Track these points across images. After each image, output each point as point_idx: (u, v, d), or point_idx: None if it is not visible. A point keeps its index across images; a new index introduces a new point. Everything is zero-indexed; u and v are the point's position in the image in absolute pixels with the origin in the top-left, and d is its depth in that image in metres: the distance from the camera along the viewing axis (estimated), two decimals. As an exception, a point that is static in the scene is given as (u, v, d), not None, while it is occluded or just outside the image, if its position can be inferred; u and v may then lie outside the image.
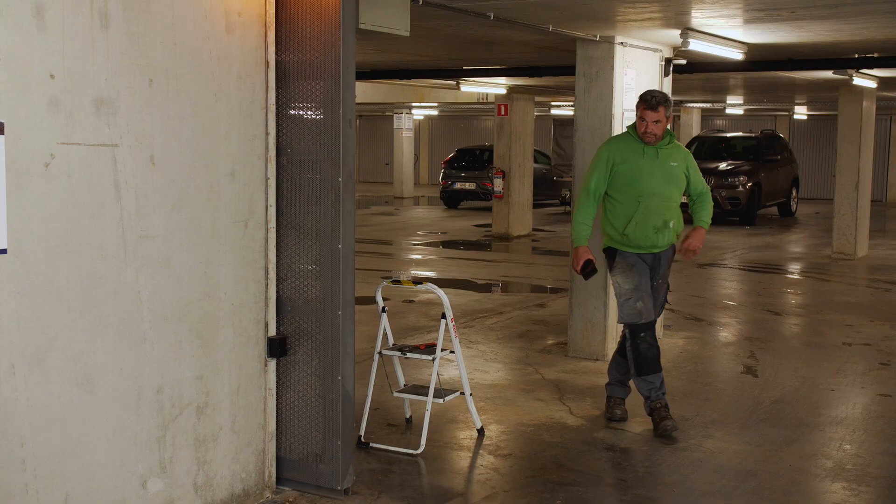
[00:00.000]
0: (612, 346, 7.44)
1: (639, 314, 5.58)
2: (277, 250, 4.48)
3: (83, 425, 3.61)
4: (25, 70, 3.31)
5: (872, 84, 12.33)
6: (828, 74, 10.89)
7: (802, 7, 6.26)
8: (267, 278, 4.41)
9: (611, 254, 5.73)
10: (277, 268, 4.50)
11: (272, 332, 4.47)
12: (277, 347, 4.49)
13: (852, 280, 11.69)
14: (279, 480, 4.59)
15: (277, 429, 4.57)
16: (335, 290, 4.42)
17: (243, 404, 4.33)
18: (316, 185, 4.39)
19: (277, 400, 4.57)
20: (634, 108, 7.43)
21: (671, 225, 5.62)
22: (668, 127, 5.66)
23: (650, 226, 5.57)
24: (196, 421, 4.08)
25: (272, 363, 4.49)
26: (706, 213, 5.80)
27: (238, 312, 4.26)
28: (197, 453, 4.10)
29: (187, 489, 4.06)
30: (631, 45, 7.43)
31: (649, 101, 5.56)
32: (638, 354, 5.60)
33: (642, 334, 5.59)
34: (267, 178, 4.38)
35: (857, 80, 11.39)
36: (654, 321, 5.68)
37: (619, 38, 7.26)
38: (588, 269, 5.73)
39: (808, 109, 24.16)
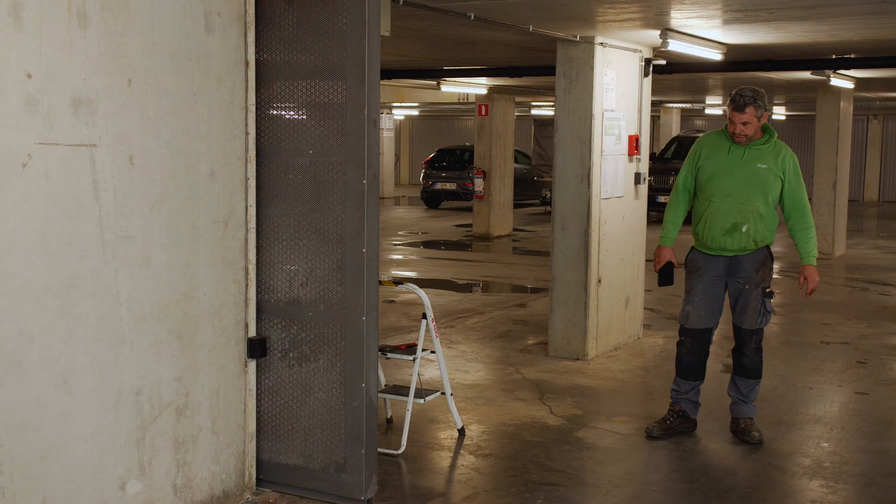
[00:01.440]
0: (592, 346, 7.47)
1: (685, 317, 5.51)
2: (289, 252, 4.40)
3: (61, 427, 3.59)
4: (2, 69, 3.28)
5: (849, 85, 12.43)
6: (806, 75, 10.97)
7: (781, 8, 6.31)
8: (247, 279, 4.40)
9: (690, 251, 5.56)
10: (294, 271, 4.41)
11: (252, 332, 4.45)
12: (257, 348, 4.46)
13: (830, 279, 11.78)
14: (298, 490, 4.51)
15: (296, 437, 4.48)
16: (359, 295, 4.29)
17: (223, 405, 4.32)
18: (315, 185, 4.31)
19: (297, 407, 4.47)
20: (614, 108, 7.54)
21: (744, 229, 5.27)
22: (764, 124, 5.28)
23: (718, 227, 5.31)
24: (175, 422, 4.06)
25: (252, 364, 4.48)
26: (810, 244, 5.35)
27: (218, 313, 4.25)
28: (176, 455, 4.08)
29: (166, 491, 4.05)
30: (611, 46, 7.46)
31: (737, 101, 5.20)
32: (677, 356, 5.59)
33: (683, 338, 5.54)
34: (247, 179, 4.36)
35: (835, 81, 11.47)
36: (706, 330, 5.48)
37: (599, 39, 7.28)
38: (665, 272, 5.55)
39: (787, 110, 24.32)
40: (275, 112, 4.43)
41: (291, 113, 4.40)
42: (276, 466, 4.57)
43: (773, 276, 5.54)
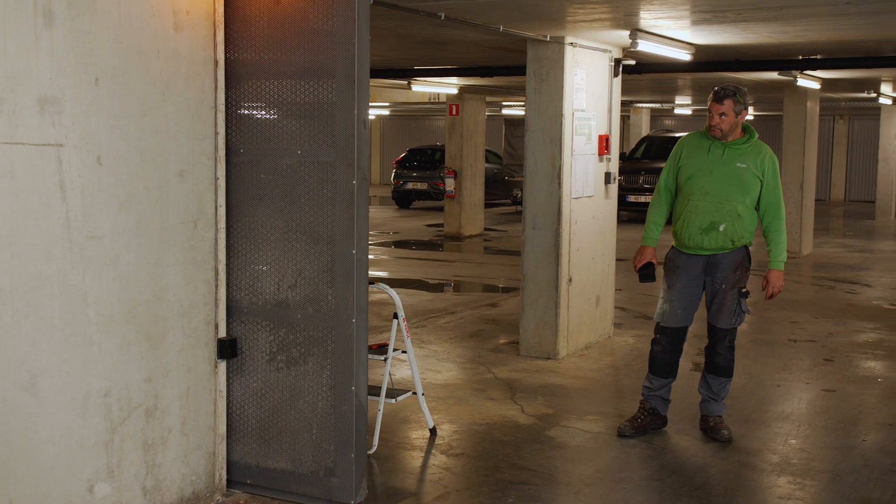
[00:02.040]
0: (563, 345, 7.50)
1: (662, 315, 5.52)
2: (278, 253, 4.36)
3: (28, 429, 3.55)
4: (-33, 68, 3.24)
5: (816, 85, 12.57)
6: (773, 75, 11.08)
7: (748, 9, 6.36)
8: (217, 279, 4.37)
9: (669, 251, 5.58)
10: (282, 273, 4.37)
11: (222, 333, 4.43)
12: (228, 349, 4.44)
13: (798, 278, 11.90)
14: (291, 496, 4.48)
15: (284, 441, 4.44)
16: (349, 297, 4.25)
17: (193, 406, 4.29)
18: (299, 186, 4.28)
19: (285, 411, 4.43)
20: (584, 108, 7.57)
21: (721, 228, 5.30)
22: (735, 122, 5.31)
23: (696, 225, 5.34)
24: (145, 424, 4.03)
25: (222, 365, 4.45)
26: (779, 248, 5.42)
27: (187, 314, 4.22)
28: (146, 456, 4.05)
29: (136, 493, 4.01)
30: (581, 46, 7.49)
31: (717, 92, 5.29)
32: (650, 353, 5.62)
33: (658, 336, 5.56)
34: (217, 178, 4.33)
35: (802, 82, 11.60)
36: (681, 329, 5.51)
37: (569, 39, 7.31)
38: (645, 272, 5.57)
39: (755, 110, 24.53)
40: (261, 112, 4.38)
41: (278, 113, 4.35)
42: (262, 471, 4.51)
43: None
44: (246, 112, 4.39)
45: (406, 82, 13.56)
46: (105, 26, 3.71)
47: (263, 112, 4.37)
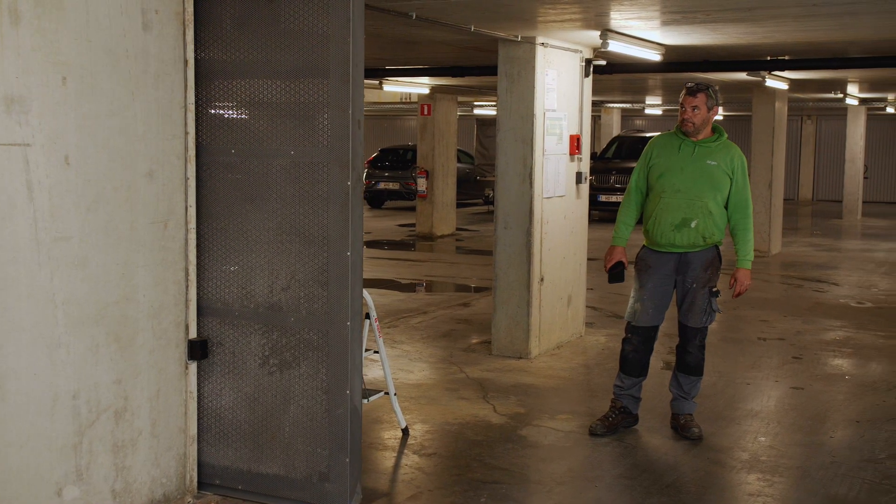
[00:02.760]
0: (535, 345, 7.52)
1: (633, 314, 5.53)
2: (273, 254, 4.31)
3: (-5, 433, 3.51)
4: (-69, 67, 3.20)
5: (784, 86, 12.69)
6: (742, 76, 11.17)
7: (717, 10, 6.41)
8: (187, 280, 4.34)
9: (640, 250, 5.59)
10: (275, 275, 4.32)
11: (193, 334, 4.40)
12: (198, 350, 4.41)
13: (766, 277, 12.01)
14: (283, 501, 4.43)
15: (277, 446, 4.39)
16: (343, 299, 4.20)
17: (163, 408, 4.26)
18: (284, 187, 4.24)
19: (278, 416, 4.37)
20: (555, 108, 7.59)
21: (693, 225, 5.33)
22: (708, 121, 5.39)
23: (668, 222, 5.36)
24: (114, 426, 4.00)
25: (193, 366, 4.42)
26: (746, 247, 5.47)
27: (157, 315, 4.19)
28: (115, 459, 4.01)
29: (105, 496, 3.98)
30: (552, 46, 7.51)
31: (690, 87, 5.36)
32: (621, 352, 5.63)
33: (629, 335, 5.57)
34: (187, 178, 4.30)
35: (770, 82, 11.71)
36: (652, 328, 5.52)
37: (540, 39, 7.33)
38: (615, 271, 5.57)
39: (724, 110, 24.72)
40: (249, 113, 4.32)
41: (270, 113, 4.28)
42: (255, 476, 4.45)
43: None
44: (250, 113, 4.31)
45: (377, 82, 13.53)
46: (72, 25, 3.67)
47: (272, 113, 4.28)
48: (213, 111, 4.39)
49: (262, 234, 4.35)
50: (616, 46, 7.43)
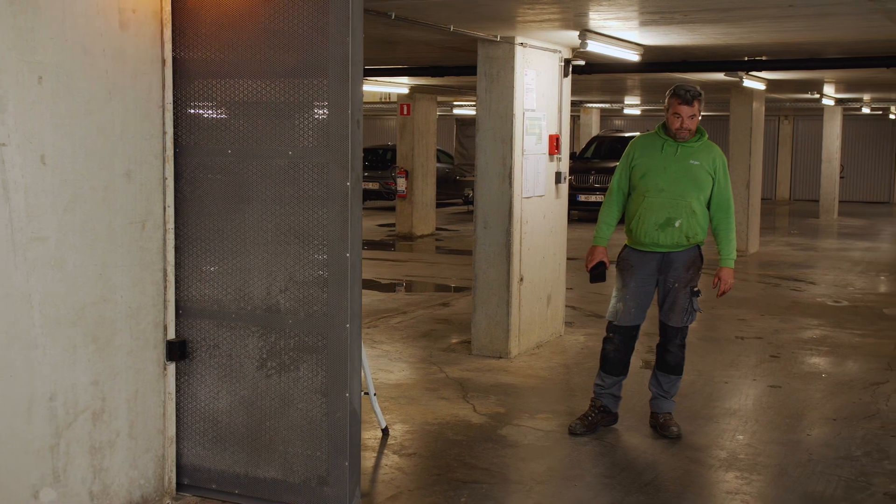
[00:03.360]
0: (515, 344, 7.53)
1: (615, 314, 5.52)
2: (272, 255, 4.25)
3: (-29, 435, 3.48)
4: None
5: (761, 86, 12.78)
6: (720, 76, 11.24)
7: (695, 10, 6.44)
8: (165, 280, 4.32)
9: (623, 250, 5.59)
10: (272, 276, 4.26)
11: (171, 335, 4.38)
12: (177, 351, 4.39)
13: (744, 276, 12.08)
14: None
15: (275, 450, 4.33)
16: (342, 301, 4.14)
17: (141, 409, 4.23)
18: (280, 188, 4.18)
19: (276, 419, 4.31)
20: (535, 108, 7.60)
21: (677, 224, 5.34)
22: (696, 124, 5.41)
23: (651, 222, 5.35)
24: (92, 427, 3.97)
25: (171, 367, 4.40)
26: (729, 246, 5.49)
27: (135, 315, 4.16)
28: (93, 461, 3.98)
29: (83, 498, 3.95)
30: (531, 46, 7.53)
31: (683, 95, 5.30)
32: (602, 351, 5.62)
33: (611, 335, 5.56)
34: (165, 178, 4.28)
35: (747, 82, 11.78)
36: (633, 327, 5.52)
37: (519, 39, 7.34)
38: (597, 272, 5.57)
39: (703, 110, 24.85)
40: (244, 112, 4.25)
41: (266, 113, 4.22)
42: (252, 480, 4.40)
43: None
44: (244, 112, 4.26)
45: (357, 82, 13.49)
46: (48, 24, 3.64)
47: (268, 113, 4.22)
48: (198, 112, 4.36)
49: (259, 234, 4.30)
50: (595, 47, 7.45)
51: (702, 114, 5.37)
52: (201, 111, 4.35)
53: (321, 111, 4.13)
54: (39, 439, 3.74)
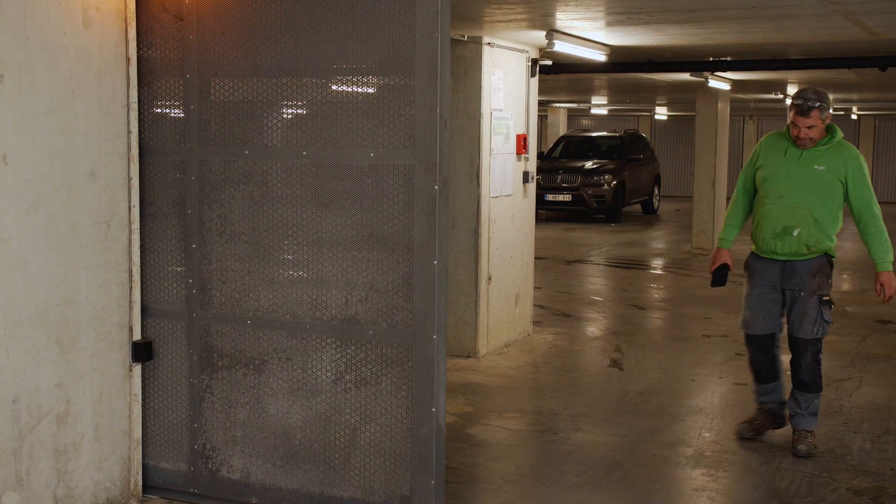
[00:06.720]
0: (483, 343, 7.54)
1: (744, 322, 5.38)
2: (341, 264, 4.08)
3: (-68, 439, 3.42)
4: None
5: (726, 86, 12.90)
6: (686, 76, 11.33)
7: (660, 11, 6.49)
8: (131, 281, 4.28)
9: (749, 255, 5.42)
10: (352, 285, 4.07)
11: (137, 336, 4.34)
12: (143, 352, 4.35)
13: (709, 274, 12.15)
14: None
15: (353, 468, 4.15)
16: (429, 311, 3.93)
17: (107, 411, 4.19)
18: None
19: (355, 435, 4.12)
20: (502, 107, 7.62)
21: (795, 233, 5.08)
22: (822, 125, 5.04)
23: (769, 229, 5.16)
24: (56, 430, 3.92)
25: (137, 368, 4.36)
26: (882, 249, 5.07)
27: (100, 317, 4.12)
28: (57, 464, 3.94)
29: (46, 501, 3.90)
30: (498, 46, 7.54)
31: (801, 105, 4.97)
32: (748, 360, 5.49)
33: (749, 344, 5.42)
34: (129, 178, 4.24)
35: (713, 83, 11.89)
36: (767, 336, 5.32)
37: (486, 39, 7.35)
38: (719, 274, 5.40)
39: (669, 110, 25.05)
40: (323, 112, 4.10)
41: (346, 112, 4.06)
42: (327, 500, 4.20)
43: (657, 271, 5.71)
44: (324, 113, 4.10)
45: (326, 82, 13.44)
46: (9, 21, 3.60)
47: (348, 112, 4.04)
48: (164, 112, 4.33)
49: (336, 241, 4.09)
50: (562, 46, 7.48)
51: (831, 114, 5.00)
52: (167, 111, 4.33)
53: (410, 111, 3.91)
54: (2, 443, 3.69)
